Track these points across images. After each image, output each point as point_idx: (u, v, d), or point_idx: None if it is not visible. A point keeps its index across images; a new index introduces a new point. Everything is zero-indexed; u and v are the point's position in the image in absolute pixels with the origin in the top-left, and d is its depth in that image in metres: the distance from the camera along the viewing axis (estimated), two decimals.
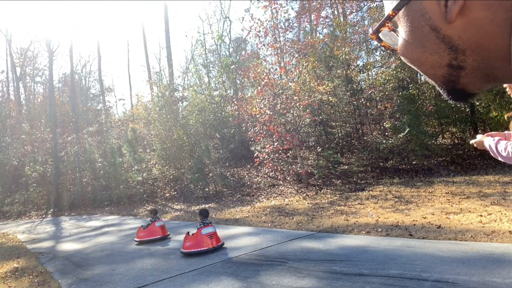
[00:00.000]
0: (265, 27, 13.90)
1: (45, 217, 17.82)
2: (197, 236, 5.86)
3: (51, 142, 22.21)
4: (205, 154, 16.35)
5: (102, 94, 32.91)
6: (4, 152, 22.55)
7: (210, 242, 5.83)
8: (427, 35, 0.45)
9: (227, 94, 19.94)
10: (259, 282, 4.12)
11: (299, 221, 7.74)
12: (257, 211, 9.92)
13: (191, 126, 18.61)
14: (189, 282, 4.45)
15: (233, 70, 18.19)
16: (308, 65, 13.76)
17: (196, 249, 5.74)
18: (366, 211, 7.77)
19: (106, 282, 4.93)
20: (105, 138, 23.58)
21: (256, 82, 14.27)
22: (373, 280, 3.71)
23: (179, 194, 16.19)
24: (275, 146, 12.61)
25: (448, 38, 0.44)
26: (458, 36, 0.43)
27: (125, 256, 6.45)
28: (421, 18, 0.45)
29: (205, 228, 5.92)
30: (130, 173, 18.92)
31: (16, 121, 26.96)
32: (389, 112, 14.06)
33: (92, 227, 11.30)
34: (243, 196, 13.14)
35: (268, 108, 12.62)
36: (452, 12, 0.41)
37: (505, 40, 0.40)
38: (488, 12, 0.40)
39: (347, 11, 18.91)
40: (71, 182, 21.39)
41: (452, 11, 0.41)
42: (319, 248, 5.36)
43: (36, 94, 32.25)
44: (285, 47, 14.31)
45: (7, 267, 6.71)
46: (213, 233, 5.94)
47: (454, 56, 0.45)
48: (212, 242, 5.86)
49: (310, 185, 12.27)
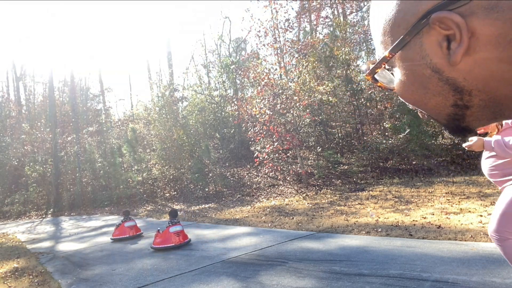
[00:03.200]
0: (265, 27, 13.91)
1: (45, 217, 17.82)
2: (165, 234, 6.58)
3: (51, 142, 22.20)
4: (205, 154, 16.34)
5: (102, 94, 32.92)
6: (4, 152, 22.54)
7: (178, 239, 6.51)
8: (428, 78, 0.43)
9: (227, 94, 19.94)
10: (259, 282, 4.12)
11: (299, 221, 7.74)
12: (257, 211, 9.91)
13: (191, 126, 18.60)
14: (189, 282, 4.45)
15: (233, 70, 18.19)
16: (308, 65, 13.76)
17: (165, 245, 6.45)
18: (366, 211, 7.76)
19: (106, 282, 4.92)
20: (105, 138, 23.57)
21: (256, 82, 14.26)
22: (373, 280, 3.71)
23: (179, 194, 16.19)
24: (275, 146, 12.60)
25: (452, 80, 0.42)
26: (463, 77, 0.41)
27: (125, 256, 6.45)
28: (421, 61, 0.43)
29: (173, 227, 6.62)
30: (130, 173, 18.92)
31: (16, 121, 26.95)
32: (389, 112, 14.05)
33: (92, 227, 11.30)
34: (243, 196, 13.13)
35: (268, 108, 12.62)
36: (456, 55, 0.39)
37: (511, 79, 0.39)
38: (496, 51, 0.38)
39: (347, 11, 18.91)
40: (71, 182, 21.39)
41: (456, 54, 0.39)
42: (319, 248, 5.36)
43: (36, 94, 32.27)
44: (285, 47, 14.32)
45: (7, 267, 6.71)
46: (180, 231, 6.65)
47: (459, 97, 0.43)
48: (179, 238, 6.55)
49: (310, 185, 12.27)
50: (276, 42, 14.08)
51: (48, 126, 23.05)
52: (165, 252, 6.39)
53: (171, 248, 6.40)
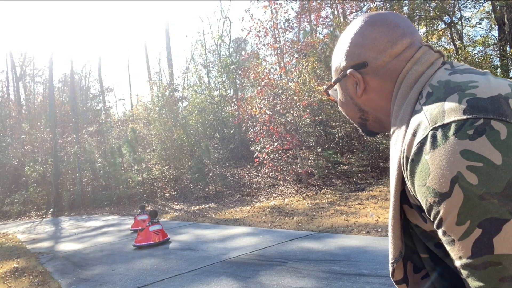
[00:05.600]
0: (265, 27, 13.89)
1: (45, 217, 17.82)
2: (146, 233, 7.09)
3: (51, 142, 22.20)
4: (205, 154, 16.34)
5: (102, 94, 32.89)
6: (4, 152, 22.53)
7: (157, 237, 7.03)
8: (348, 101, 0.81)
9: (227, 94, 19.93)
10: (259, 282, 4.12)
11: (299, 221, 7.74)
12: (257, 211, 9.91)
13: (191, 126, 18.59)
14: (189, 282, 4.45)
15: (233, 70, 18.18)
16: (308, 65, 13.75)
17: (145, 243, 6.93)
18: (366, 211, 7.76)
19: (106, 282, 4.92)
20: (105, 138, 23.56)
21: (256, 82, 14.25)
22: (373, 280, 3.71)
23: (179, 194, 16.19)
24: (275, 146, 12.60)
25: (358, 105, 0.79)
26: (363, 104, 0.78)
27: (124, 256, 6.45)
28: (345, 91, 0.80)
29: (152, 226, 7.15)
30: (130, 173, 18.91)
31: (16, 121, 26.93)
32: None
33: (92, 227, 11.30)
34: (243, 196, 13.13)
35: (268, 108, 12.61)
36: (358, 93, 0.76)
37: (386, 109, 0.74)
38: (377, 94, 0.75)
39: (347, 11, 18.89)
40: (71, 182, 21.38)
41: (358, 92, 0.76)
42: (319, 248, 5.36)
43: (36, 94, 32.22)
44: (285, 47, 14.29)
45: (7, 267, 6.71)
46: (159, 230, 7.16)
47: (362, 114, 0.80)
48: (159, 237, 7.07)
49: (310, 185, 12.27)
50: (276, 42, 14.06)
51: (48, 126, 23.04)
52: (165, 252, 6.40)
53: (152, 245, 6.89)
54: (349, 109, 0.81)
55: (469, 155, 0.52)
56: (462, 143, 0.53)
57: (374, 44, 0.72)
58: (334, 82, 0.81)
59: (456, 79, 0.62)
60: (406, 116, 0.65)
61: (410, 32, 0.73)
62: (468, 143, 0.52)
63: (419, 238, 0.69)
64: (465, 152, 0.52)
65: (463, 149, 0.52)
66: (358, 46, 0.74)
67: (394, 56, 0.71)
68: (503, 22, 11.61)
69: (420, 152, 0.57)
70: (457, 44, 12.47)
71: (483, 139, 0.52)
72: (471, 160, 0.52)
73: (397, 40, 0.71)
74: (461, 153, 0.52)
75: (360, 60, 0.74)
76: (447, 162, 0.53)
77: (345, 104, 0.81)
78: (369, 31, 0.73)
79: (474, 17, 14.05)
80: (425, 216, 0.63)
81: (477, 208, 0.51)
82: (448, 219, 0.54)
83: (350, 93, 0.78)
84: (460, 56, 11.21)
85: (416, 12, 12.74)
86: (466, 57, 11.01)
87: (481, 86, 0.58)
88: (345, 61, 0.77)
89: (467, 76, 0.62)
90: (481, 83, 0.59)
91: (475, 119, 0.53)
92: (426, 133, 0.57)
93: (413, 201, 0.64)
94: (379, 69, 0.73)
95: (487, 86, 0.58)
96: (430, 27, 12.82)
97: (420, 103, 0.63)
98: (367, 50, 0.73)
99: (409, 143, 0.60)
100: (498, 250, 0.50)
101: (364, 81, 0.74)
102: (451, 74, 0.65)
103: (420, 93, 0.65)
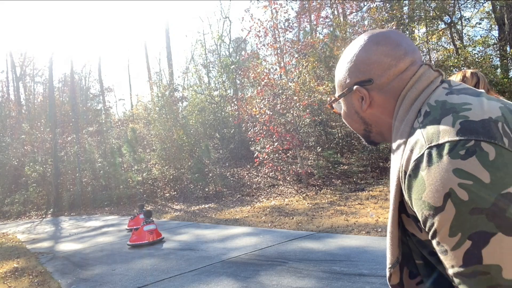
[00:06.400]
0: (265, 27, 13.88)
1: (44, 217, 17.81)
2: (140, 232, 7.22)
3: (51, 142, 22.19)
4: (205, 154, 16.33)
5: (102, 94, 32.88)
6: (4, 152, 22.52)
7: (151, 237, 7.14)
8: (353, 114, 0.86)
9: (227, 94, 19.92)
10: (259, 282, 4.12)
11: (299, 221, 7.74)
12: (257, 211, 9.91)
13: (191, 126, 18.58)
14: (189, 282, 4.45)
15: (233, 70, 18.17)
16: (308, 65, 13.74)
17: (140, 242, 7.06)
18: (366, 211, 7.76)
19: (106, 282, 4.92)
20: (105, 138, 23.54)
21: (256, 82, 14.24)
22: (373, 280, 3.71)
23: (179, 194, 16.18)
24: (275, 146, 12.59)
25: (363, 118, 0.84)
26: (368, 118, 0.84)
27: (124, 256, 6.45)
28: (351, 105, 0.85)
29: (147, 226, 7.29)
30: (130, 173, 18.90)
31: (16, 121, 26.91)
32: None
33: (92, 227, 11.29)
34: (243, 196, 13.13)
35: (268, 108, 12.61)
36: (363, 107, 0.81)
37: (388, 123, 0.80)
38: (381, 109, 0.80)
39: (347, 11, 18.89)
40: (71, 182, 21.36)
41: (363, 106, 0.81)
42: (319, 248, 5.36)
43: (36, 94, 32.21)
44: (285, 47, 14.28)
45: (7, 267, 6.71)
46: (153, 230, 7.29)
47: (366, 126, 0.86)
48: (153, 236, 7.17)
49: (310, 185, 12.27)
50: (276, 42, 14.05)
51: (48, 126, 23.03)
52: (165, 252, 6.40)
53: (146, 244, 7.03)
54: (353, 122, 0.87)
55: (460, 174, 0.57)
56: (454, 162, 0.58)
57: (379, 62, 0.78)
58: (339, 96, 0.87)
59: (452, 100, 0.68)
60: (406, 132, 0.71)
61: (412, 51, 0.78)
62: (460, 162, 0.58)
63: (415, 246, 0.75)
64: (457, 171, 0.58)
65: (455, 168, 0.58)
66: (363, 63, 0.80)
67: (397, 74, 0.77)
68: (503, 22, 11.60)
69: (417, 169, 0.63)
70: (457, 44, 12.47)
71: (473, 159, 0.57)
72: (462, 178, 0.57)
73: (400, 58, 0.77)
74: (454, 172, 0.58)
75: (365, 77, 0.79)
76: (441, 179, 0.59)
77: (350, 117, 0.87)
78: (373, 49, 0.79)
79: (474, 17, 14.05)
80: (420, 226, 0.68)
81: (468, 222, 0.57)
82: (441, 231, 0.60)
83: (355, 107, 0.84)
84: (460, 56, 11.20)
85: (416, 12, 12.74)
86: (466, 57, 11.00)
87: (474, 109, 0.64)
88: (350, 77, 0.82)
89: (462, 97, 0.68)
90: (474, 105, 0.65)
91: (466, 141, 0.59)
92: (422, 151, 0.63)
93: (410, 212, 0.70)
94: (384, 86, 0.78)
95: (479, 109, 0.64)
96: (430, 27, 12.81)
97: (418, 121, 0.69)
98: (372, 68, 0.78)
99: (407, 159, 0.66)
100: (486, 261, 0.56)
101: (369, 97, 0.80)
102: (448, 94, 0.71)
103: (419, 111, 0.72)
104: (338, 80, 0.87)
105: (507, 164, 0.58)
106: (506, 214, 0.55)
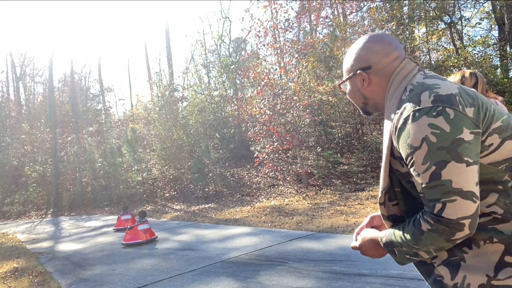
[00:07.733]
0: (265, 27, 13.87)
1: (44, 217, 17.81)
2: (134, 231, 7.35)
3: (51, 142, 22.18)
4: (205, 154, 16.33)
5: (102, 94, 32.87)
6: (4, 152, 22.51)
7: (145, 236, 7.28)
8: (356, 91, 1.19)
9: (227, 94, 19.91)
10: (259, 282, 4.12)
11: (299, 221, 7.74)
12: (257, 211, 9.91)
13: (191, 126, 18.57)
14: (188, 282, 4.45)
15: (233, 70, 18.17)
16: (308, 65, 13.74)
17: (134, 241, 7.19)
18: (366, 211, 7.76)
19: (106, 282, 4.93)
20: (105, 138, 23.53)
21: (256, 82, 14.24)
22: (373, 280, 3.71)
23: (179, 194, 16.18)
24: (275, 146, 12.59)
25: (363, 94, 1.17)
26: (367, 94, 1.16)
27: (124, 256, 6.45)
28: (355, 85, 1.18)
29: (141, 225, 7.47)
30: (130, 173, 18.89)
31: (16, 121, 26.90)
32: None
33: (92, 227, 11.29)
34: (243, 196, 13.13)
35: (268, 108, 12.60)
36: (364, 86, 1.15)
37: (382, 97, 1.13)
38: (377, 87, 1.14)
39: (347, 11, 18.89)
40: (71, 182, 21.35)
41: (364, 85, 1.15)
42: (319, 248, 5.36)
43: (36, 94, 32.19)
44: (285, 47, 14.28)
45: (6, 267, 6.70)
46: (147, 229, 7.45)
47: (364, 100, 1.19)
48: (146, 236, 7.31)
49: (310, 185, 12.27)
50: (276, 42, 14.04)
51: (48, 126, 23.02)
52: (165, 252, 6.40)
53: (140, 243, 7.19)
54: (355, 97, 1.21)
55: (432, 126, 0.91)
56: (429, 120, 0.91)
57: (376, 54, 1.11)
58: (346, 79, 1.20)
59: (427, 82, 1.00)
60: (396, 102, 1.04)
61: (399, 48, 1.12)
62: (432, 119, 0.91)
63: (396, 178, 1.07)
64: (430, 125, 0.91)
65: (429, 123, 0.91)
66: (364, 55, 1.13)
67: (389, 63, 1.11)
68: (503, 22, 11.60)
69: (405, 123, 0.95)
70: (457, 44, 12.47)
71: (441, 118, 0.91)
72: (433, 129, 0.91)
73: (391, 52, 1.11)
74: (428, 125, 0.91)
75: (366, 64, 1.13)
76: (420, 129, 0.92)
77: (353, 93, 1.21)
78: (372, 45, 1.13)
79: (474, 17, 14.05)
80: (403, 163, 1.01)
81: (434, 154, 0.90)
82: (417, 161, 0.93)
83: (358, 86, 1.17)
84: (460, 56, 11.21)
85: (416, 12, 12.74)
86: (466, 57, 11.01)
87: (441, 87, 0.97)
88: (355, 65, 1.15)
89: (433, 80, 1.01)
90: (442, 85, 0.97)
91: (437, 107, 0.92)
92: (409, 113, 0.95)
93: (397, 154, 1.02)
94: (379, 71, 1.12)
95: (445, 87, 0.96)
96: (430, 27, 12.81)
97: (405, 95, 1.02)
98: (371, 58, 1.12)
99: (397, 118, 0.99)
100: (443, 177, 0.90)
101: (369, 78, 1.13)
102: (424, 78, 1.03)
103: (405, 88, 1.04)
104: (346, 67, 1.19)
105: (460, 120, 0.91)
106: (458, 150, 0.89)
